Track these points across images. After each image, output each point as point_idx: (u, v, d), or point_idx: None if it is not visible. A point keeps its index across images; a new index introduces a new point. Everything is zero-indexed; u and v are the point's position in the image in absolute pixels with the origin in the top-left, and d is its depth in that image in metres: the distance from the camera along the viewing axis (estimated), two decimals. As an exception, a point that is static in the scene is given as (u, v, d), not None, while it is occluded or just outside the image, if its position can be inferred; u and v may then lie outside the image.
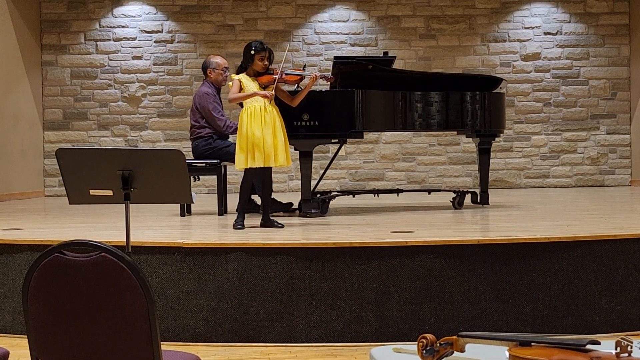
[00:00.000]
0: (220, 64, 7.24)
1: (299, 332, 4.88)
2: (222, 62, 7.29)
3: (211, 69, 7.22)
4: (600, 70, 11.10)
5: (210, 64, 7.24)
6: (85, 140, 10.95)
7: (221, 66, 7.24)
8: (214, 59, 7.29)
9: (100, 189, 3.54)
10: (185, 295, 4.95)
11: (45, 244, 5.04)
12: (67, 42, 10.94)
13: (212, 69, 7.22)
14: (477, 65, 11.01)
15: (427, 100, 7.08)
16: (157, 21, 10.98)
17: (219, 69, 7.22)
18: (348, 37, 11.02)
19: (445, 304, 4.90)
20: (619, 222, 6.07)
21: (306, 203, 6.72)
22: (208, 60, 7.31)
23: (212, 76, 7.22)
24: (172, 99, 10.99)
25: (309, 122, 6.58)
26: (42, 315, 2.38)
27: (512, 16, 11.07)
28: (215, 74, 7.22)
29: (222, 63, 7.27)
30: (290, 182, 10.90)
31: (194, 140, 7.20)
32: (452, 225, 6.23)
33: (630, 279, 5.02)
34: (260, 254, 4.93)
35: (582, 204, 8.24)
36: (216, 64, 7.24)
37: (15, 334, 5.12)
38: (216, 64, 7.24)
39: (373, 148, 11.02)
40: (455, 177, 11.04)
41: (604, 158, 11.11)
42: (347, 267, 4.90)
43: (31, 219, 7.13)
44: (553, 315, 4.93)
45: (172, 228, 6.22)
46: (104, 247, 2.30)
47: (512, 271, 4.93)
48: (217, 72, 7.22)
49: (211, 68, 7.22)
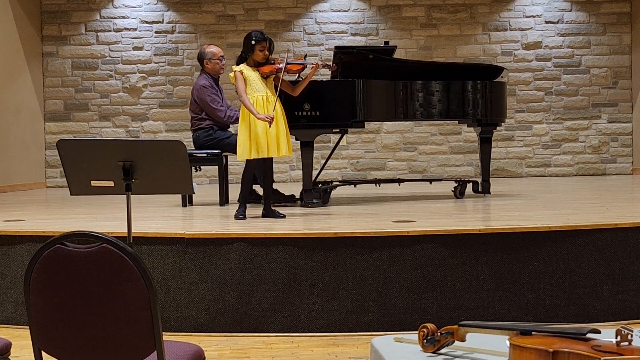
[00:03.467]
0: (216, 54, 7.22)
1: (300, 322, 4.89)
2: (217, 51, 7.26)
3: (207, 60, 7.20)
4: (601, 58, 11.07)
5: (206, 55, 7.22)
6: (87, 131, 10.95)
7: (217, 55, 7.21)
8: (209, 49, 7.26)
9: (102, 180, 3.54)
10: (187, 285, 4.96)
11: (47, 235, 5.06)
12: (68, 33, 10.93)
13: (208, 59, 7.20)
14: (478, 54, 10.99)
15: (428, 89, 7.08)
16: (158, 11, 10.96)
17: (215, 59, 7.20)
18: (349, 26, 10.99)
19: (446, 293, 4.91)
20: (621, 210, 6.07)
21: (307, 193, 6.73)
22: (203, 50, 7.29)
23: (209, 66, 7.21)
24: (173, 90, 10.98)
25: (310, 112, 6.58)
26: (44, 307, 2.38)
27: (513, 5, 11.04)
28: (212, 63, 7.20)
29: (217, 52, 7.24)
30: (292, 172, 10.90)
31: (195, 131, 7.20)
32: (454, 215, 6.23)
33: (631, 267, 5.02)
34: (261, 244, 4.94)
35: (584, 192, 8.24)
36: (211, 53, 7.21)
37: (18, 325, 5.14)
38: (211, 53, 7.21)
39: (374, 138, 11.01)
40: (457, 166, 11.03)
41: (605, 147, 11.10)
42: (348, 256, 4.91)
43: (33, 210, 7.14)
44: (555, 304, 4.94)
45: (173, 218, 6.23)
46: (105, 238, 2.31)
47: (513, 260, 4.94)
48: (214, 62, 7.21)
49: (207, 59, 7.20)
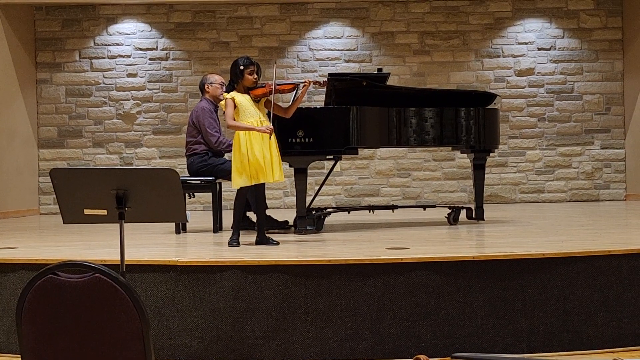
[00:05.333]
0: (217, 79, 7.40)
1: (294, 349, 4.86)
2: (218, 77, 7.46)
3: (208, 84, 7.33)
4: (594, 85, 11.13)
5: (207, 80, 7.39)
6: (80, 158, 10.95)
7: (218, 81, 7.38)
8: (211, 76, 7.49)
9: (95, 209, 3.54)
10: (180, 313, 4.94)
11: (40, 263, 5.03)
12: (62, 60, 10.96)
13: (209, 83, 7.32)
14: (471, 80, 11.05)
15: (422, 116, 7.11)
16: (152, 38, 11.00)
17: (215, 84, 7.31)
18: (342, 53, 11.05)
19: (440, 320, 4.89)
20: (614, 237, 6.07)
21: (301, 220, 6.72)
22: (205, 77, 7.49)
23: (209, 91, 7.30)
24: (167, 116, 10.99)
25: (303, 139, 6.59)
26: (36, 336, 2.37)
27: (506, 32, 11.11)
28: (213, 88, 7.29)
29: (218, 79, 7.43)
30: (286, 199, 10.89)
31: (189, 156, 7.23)
32: (448, 242, 6.23)
33: (625, 294, 5.02)
34: (255, 272, 4.92)
35: (577, 218, 8.25)
36: (213, 79, 7.39)
37: (10, 354, 5.10)
38: (213, 79, 7.39)
39: (368, 164, 11.03)
40: (451, 192, 11.04)
41: (598, 173, 11.13)
42: (342, 284, 4.89)
43: (26, 238, 7.11)
44: (549, 331, 4.93)
45: (167, 246, 6.21)
46: (98, 268, 2.30)
47: (507, 287, 4.93)
48: (215, 87, 7.29)
49: (208, 83, 7.32)
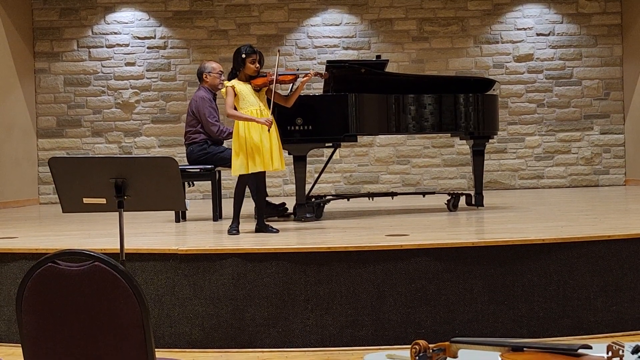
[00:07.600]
0: (216, 68, 7.35)
1: (295, 337, 4.88)
2: (217, 66, 7.40)
3: (207, 73, 7.29)
4: (593, 70, 11.12)
5: (206, 68, 7.33)
6: (79, 147, 10.94)
7: (216, 70, 7.33)
8: (209, 64, 7.41)
9: (94, 197, 3.54)
10: (180, 301, 4.95)
11: (39, 252, 5.04)
12: (60, 50, 10.94)
13: (207, 72, 7.29)
14: (470, 67, 11.03)
15: (421, 102, 7.10)
16: (150, 27, 10.98)
17: (214, 73, 7.30)
18: (341, 40, 11.02)
19: (441, 306, 4.91)
20: (614, 222, 6.08)
21: (301, 207, 6.72)
22: (203, 65, 7.41)
23: (208, 80, 7.28)
24: (166, 105, 10.98)
25: (302, 127, 6.59)
26: (36, 325, 2.37)
27: (505, 17, 11.09)
28: (211, 77, 7.27)
29: (217, 67, 7.38)
30: (285, 187, 10.90)
31: (189, 145, 7.22)
32: (447, 228, 6.24)
33: (625, 279, 5.03)
34: (255, 259, 4.93)
35: (577, 204, 8.25)
36: (211, 67, 7.34)
37: (11, 343, 5.11)
38: (211, 67, 7.34)
39: (367, 151, 11.03)
40: (450, 179, 11.04)
41: (598, 158, 11.13)
42: (342, 271, 4.90)
43: (26, 227, 7.12)
44: (548, 317, 4.94)
45: (166, 234, 6.22)
46: (97, 256, 2.30)
47: (507, 273, 4.94)
48: (213, 76, 7.27)
49: (206, 72, 7.29)
